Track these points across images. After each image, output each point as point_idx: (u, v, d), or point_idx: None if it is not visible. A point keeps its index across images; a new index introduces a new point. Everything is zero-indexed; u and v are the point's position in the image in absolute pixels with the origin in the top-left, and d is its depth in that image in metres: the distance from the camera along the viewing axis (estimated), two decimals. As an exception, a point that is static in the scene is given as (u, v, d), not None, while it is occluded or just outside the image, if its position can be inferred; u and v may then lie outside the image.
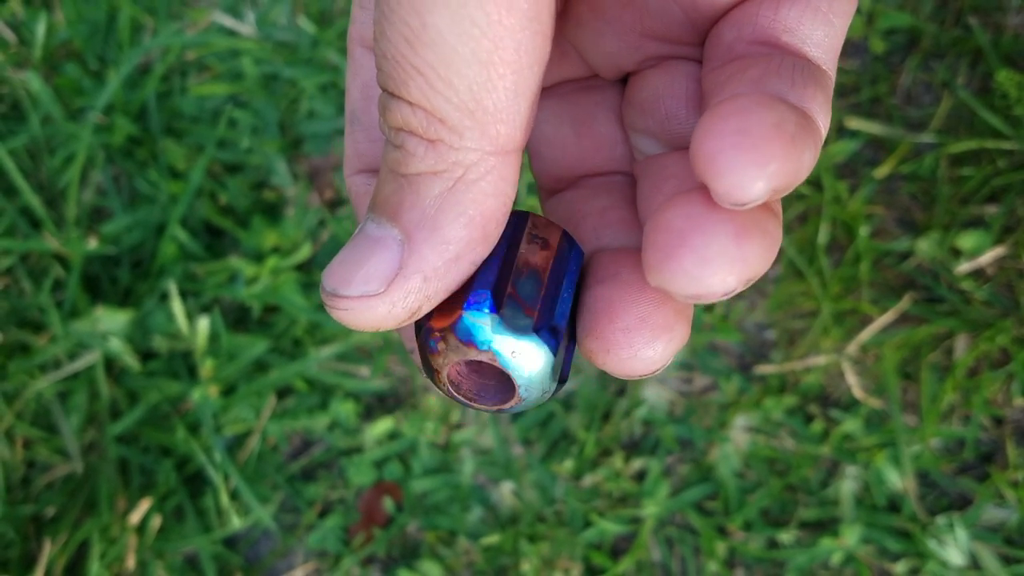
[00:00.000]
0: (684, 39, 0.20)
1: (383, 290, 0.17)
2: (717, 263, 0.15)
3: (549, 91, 0.23)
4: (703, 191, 0.15)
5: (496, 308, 0.18)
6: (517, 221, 0.19)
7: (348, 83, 0.23)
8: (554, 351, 0.18)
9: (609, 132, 0.22)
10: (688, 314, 0.18)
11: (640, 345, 0.18)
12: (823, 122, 0.16)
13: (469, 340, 0.18)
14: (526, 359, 0.18)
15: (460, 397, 0.20)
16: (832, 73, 0.18)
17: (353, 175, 0.23)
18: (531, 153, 0.23)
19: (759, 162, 0.14)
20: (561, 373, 0.19)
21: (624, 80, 0.23)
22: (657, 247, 0.15)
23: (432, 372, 0.19)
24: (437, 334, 0.18)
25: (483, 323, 0.18)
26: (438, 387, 0.19)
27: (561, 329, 0.18)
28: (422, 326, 0.18)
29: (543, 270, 0.19)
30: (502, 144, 0.16)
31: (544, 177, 0.23)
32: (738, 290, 0.15)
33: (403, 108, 0.16)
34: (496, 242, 0.18)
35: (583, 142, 0.22)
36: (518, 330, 0.18)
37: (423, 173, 0.17)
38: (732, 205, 0.15)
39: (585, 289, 0.19)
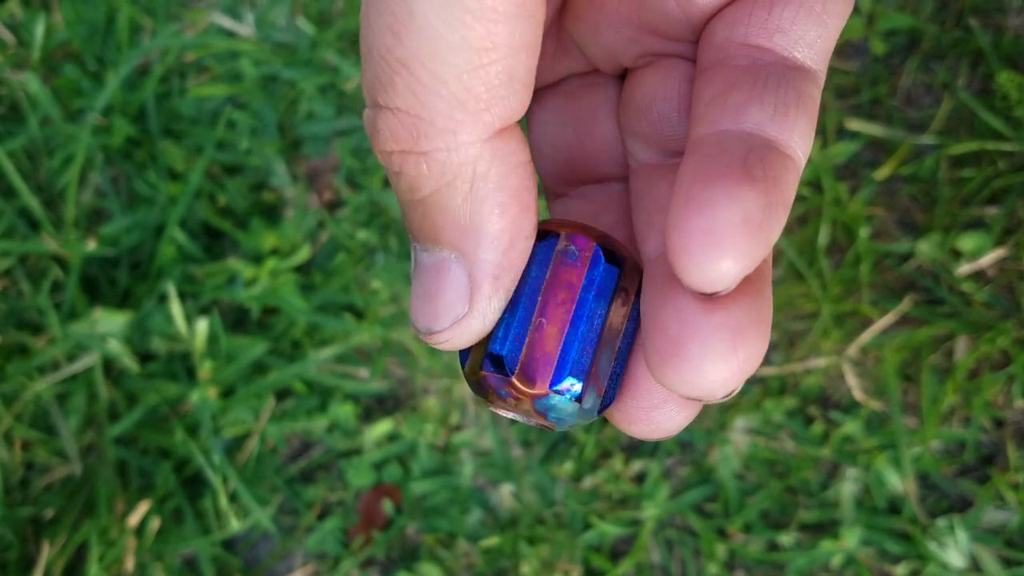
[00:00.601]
0: (680, 35, 0.20)
1: (468, 308, 0.17)
2: (717, 371, 0.15)
3: (552, 88, 0.23)
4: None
5: (580, 398, 0.18)
6: (598, 257, 0.18)
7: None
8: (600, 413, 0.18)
9: (612, 133, 0.22)
10: None
11: (662, 420, 0.18)
12: (804, 148, 0.17)
13: (544, 412, 0.18)
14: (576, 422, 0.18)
15: (500, 413, 0.20)
16: (823, 73, 0.18)
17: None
18: (536, 156, 0.23)
19: (728, 258, 0.14)
20: (603, 402, 0.19)
21: (623, 75, 0.22)
22: (656, 351, 0.16)
23: (487, 402, 0.19)
24: (514, 392, 0.18)
25: (564, 408, 0.18)
26: (486, 405, 0.19)
27: (614, 399, 0.18)
28: (494, 369, 0.18)
29: (618, 333, 0.18)
30: (498, 127, 0.16)
31: (548, 180, 0.23)
32: (739, 388, 0.16)
33: (389, 121, 0.16)
34: (536, 205, 0.17)
35: (585, 145, 0.22)
36: (586, 414, 0.18)
37: (437, 189, 0.16)
38: (704, 294, 0.15)
39: None
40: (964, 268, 0.77)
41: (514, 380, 0.18)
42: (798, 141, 0.17)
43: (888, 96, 0.83)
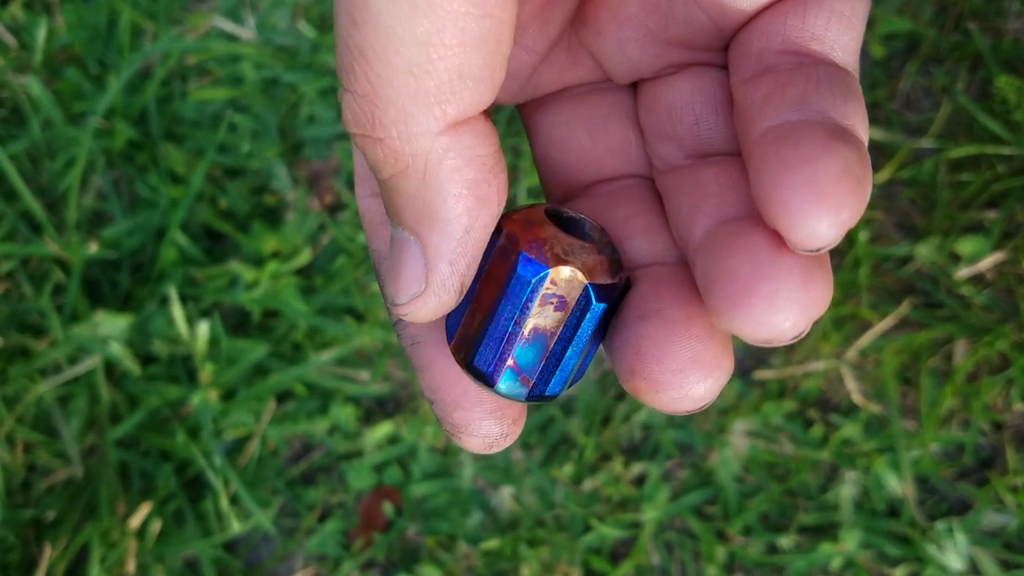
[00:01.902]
0: (709, 46, 0.20)
1: (424, 287, 0.18)
2: (789, 309, 0.15)
3: (560, 94, 0.23)
4: (762, 231, 0.16)
5: (493, 384, 0.19)
6: (532, 270, 0.19)
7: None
8: (541, 403, 0.20)
9: (624, 135, 0.22)
10: (731, 346, 0.18)
11: (691, 384, 0.18)
12: (864, 136, 0.17)
13: (478, 383, 0.20)
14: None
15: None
16: (857, 75, 0.19)
17: (367, 198, 0.23)
18: (541, 160, 0.23)
19: (834, 211, 0.15)
20: (531, 391, 0.20)
21: (634, 84, 0.22)
22: (724, 294, 0.16)
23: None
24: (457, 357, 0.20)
25: (483, 386, 0.20)
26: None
27: (555, 396, 0.20)
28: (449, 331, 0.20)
29: (551, 335, 0.19)
30: (450, 121, 0.16)
31: (554, 184, 0.23)
32: (807, 330, 0.16)
33: (351, 103, 0.16)
34: (499, 198, 0.18)
35: (598, 145, 0.22)
36: (511, 396, 0.19)
37: (394, 175, 0.17)
38: (807, 252, 0.15)
39: (626, 324, 0.19)
40: (963, 272, 0.78)
41: (451, 353, 0.20)
42: (860, 126, 0.17)
43: (887, 100, 0.83)
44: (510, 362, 0.19)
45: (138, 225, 0.85)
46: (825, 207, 0.15)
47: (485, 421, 0.20)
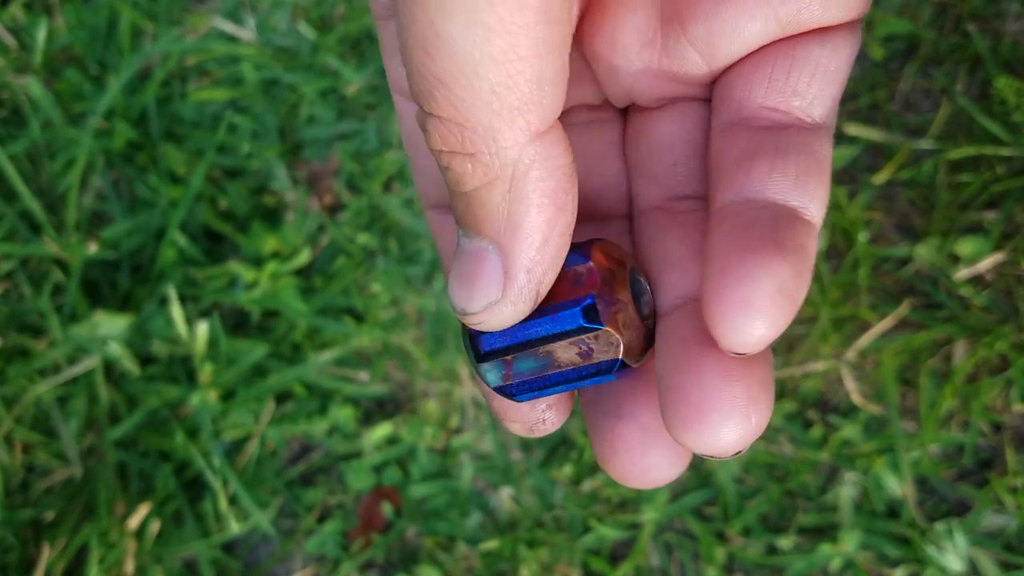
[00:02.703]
0: (700, 81, 0.21)
1: (501, 295, 0.18)
2: (731, 436, 0.17)
3: (562, 119, 0.23)
4: (712, 351, 0.18)
5: (479, 359, 0.21)
6: (591, 318, 0.20)
7: (400, 127, 0.24)
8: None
9: (617, 172, 0.23)
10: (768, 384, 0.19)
11: (657, 479, 0.20)
12: (821, 213, 0.18)
13: (468, 351, 0.21)
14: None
15: None
16: (835, 120, 0.20)
17: (429, 209, 0.24)
18: None
19: (763, 328, 0.16)
20: (505, 389, 0.21)
21: (625, 108, 0.23)
22: (675, 413, 0.18)
23: None
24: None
25: (470, 355, 0.21)
26: None
27: (517, 396, 0.21)
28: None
29: (557, 366, 0.20)
30: (535, 130, 0.17)
31: None
32: (746, 448, 0.18)
33: (437, 127, 0.17)
34: (574, 206, 0.18)
35: (592, 182, 0.23)
36: (486, 380, 0.21)
37: (479, 187, 0.17)
38: (733, 354, 0.17)
39: (606, 415, 0.21)
40: (962, 272, 0.78)
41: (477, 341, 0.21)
42: (817, 206, 0.18)
43: (887, 101, 0.84)
44: (508, 358, 0.20)
45: (137, 225, 0.85)
46: (755, 325, 0.16)
47: (522, 407, 0.22)
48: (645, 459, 0.20)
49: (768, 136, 0.19)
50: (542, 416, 0.22)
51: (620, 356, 0.20)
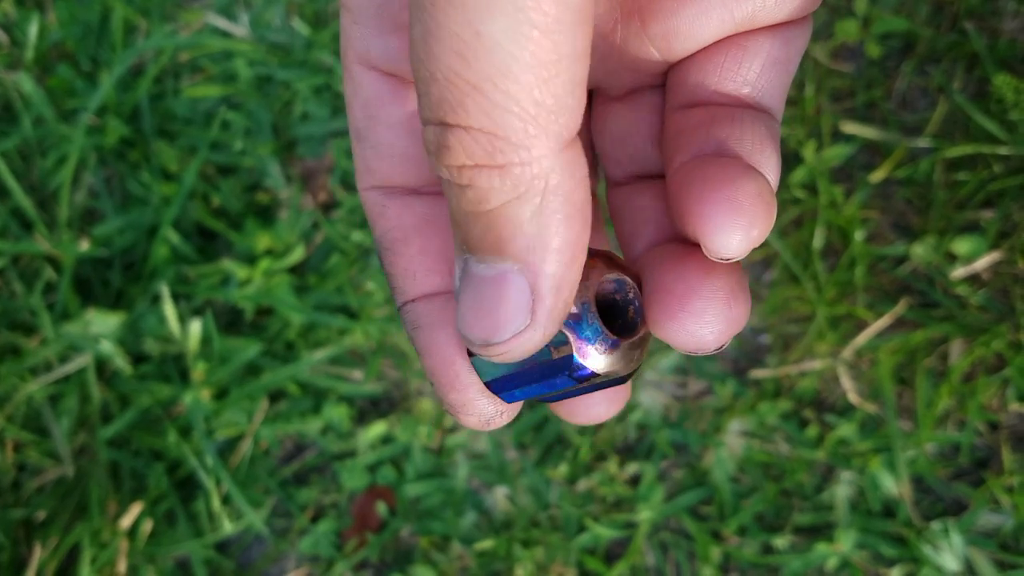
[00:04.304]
0: (657, 72, 0.22)
1: (530, 320, 0.17)
2: (714, 323, 0.18)
3: None
4: (695, 255, 0.19)
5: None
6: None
7: (348, 100, 0.22)
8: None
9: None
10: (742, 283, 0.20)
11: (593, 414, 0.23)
12: (775, 179, 0.20)
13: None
14: None
15: None
16: (781, 113, 0.21)
17: (367, 189, 0.23)
18: None
19: (747, 227, 0.17)
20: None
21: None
22: (660, 308, 0.19)
23: None
24: None
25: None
26: None
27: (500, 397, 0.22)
28: None
29: (527, 362, 0.21)
30: (567, 136, 0.16)
31: None
32: (727, 344, 0.19)
33: (463, 139, 0.15)
34: (591, 216, 0.18)
35: None
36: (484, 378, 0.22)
37: (507, 203, 0.16)
38: (719, 259, 0.18)
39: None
40: (959, 271, 0.77)
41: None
42: (772, 173, 0.19)
43: (883, 99, 0.83)
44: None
45: (130, 223, 0.84)
46: (740, 223, 0.17)
47: (478, 401, 0.21)
48: (591, 398, 0.21)
49: (723, 110, 0.20)
50: (499, 408, 0.21)
51: (571, 353, 0.19)
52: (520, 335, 0.17)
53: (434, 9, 0.14)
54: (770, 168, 0.19)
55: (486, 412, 0.21)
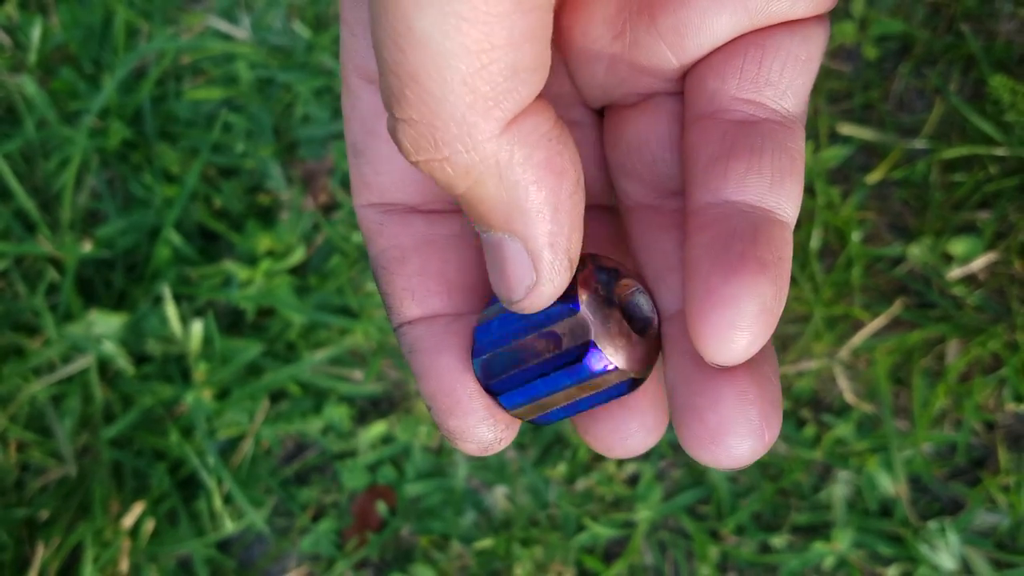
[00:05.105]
0: (671, 76, 0.21)
1: (536, 276, 0.18)
2: (749, 452, 0.18)
3: None
4: (724, 373, 0.18)
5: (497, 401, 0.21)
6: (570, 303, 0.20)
7: (347, 113, 0.22)
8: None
9: (591, 171, 0.23)
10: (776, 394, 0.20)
11: (633, 444, 0.21)
12: (796, 211, 0.19)
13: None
14: None
15: None
16: (805, 113, 0.20)
17: (364, 207, 0.23)
18: None
19: (746, 343, 0.17)
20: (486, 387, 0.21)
21: (601, 111, 0.23)
22: (695, 437, 0.18)
23: None
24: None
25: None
26: None
27: (500, 402, 0.21)
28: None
29: (527, 355, 0.20)
30: (510, 118, 0.16)
31: None
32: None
33: (408, 132, 0.16)
34: (573, 163, 0.18)
35: None
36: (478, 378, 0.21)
37: (469, 187, 0.17)
38: (716, 365, 0.18)
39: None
40: (955, 272, 0.78)
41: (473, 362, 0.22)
42: (792, 206, 0.19)
43: (880, 101, 0.84)
44: (487, 356, 0.21)
45: (132, 224, 0.85)
46: (740, 343, 0.17)
47: (479, 428, 0.21)
48: (627, 427, 0.21)
49: (742, 132, 0.19)
50: (500, 436, 0.21)
51: (592, 339, 0.19)
52: (533, 291, 0.19)
53: (375, 4, 0.15)
54: (790, 205, 0.19)
55: (485, 439, 0.21)
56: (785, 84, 0.19)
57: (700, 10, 0.19)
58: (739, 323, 0.17)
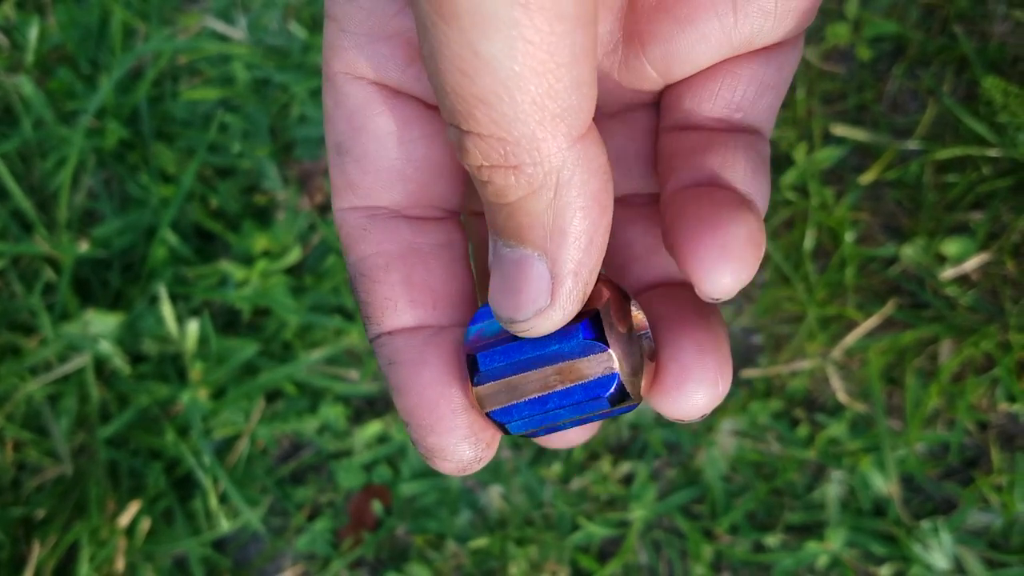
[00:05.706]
0: (651, 91, 0.22)
1: (550, 301, 0.19)
2: (703, 399, 0.20)
3: None
4: (686, 329, 0.20)
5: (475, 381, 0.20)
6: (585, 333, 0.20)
7: (329, 111, 0.22)
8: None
9: None
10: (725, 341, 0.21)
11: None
12: (764, 205, 0.21)
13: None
14: None
15: None
16: (771, 132, 0.22)
17: (346, 210, 0.22)
18: None
19: (737, 271, 0.18)
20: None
21: None
22: (658, 386, 0.20)
23: None
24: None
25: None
26: None
27: (507, 430, 0.21)
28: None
29: (548, 388, 0.20)
30: (575, 135, 0.17)
31: None
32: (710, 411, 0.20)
33: (478, 144, 0.17)
34: (611, 203, 0.19)
35: None
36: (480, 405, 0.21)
37: (523, 197, 0.17)
38: (709, 299, 0.19)
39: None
40: (948, 272, 0.78)
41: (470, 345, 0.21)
42: (763, 201, 0.20)
43: (874, 102, 0.84)
44: (506, 381, 0.20)
45: (129, 224, 0.85)
46: (731, 268, 0.18)
47: (460, 446, 0.20)
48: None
49: (716, 136, 0.21)
50: (480, 455, 0.21)
51: (616, 370, 0.19)
52: (542, 314, 0.19)
53: (436, 30, 0.15)
54: (761, 196, 0.20)
55: (465, 457, 0.20)
56: (757, 110, 0.21)
57: (689, 44, 0.20)
58: (731, 246, 0.18)
